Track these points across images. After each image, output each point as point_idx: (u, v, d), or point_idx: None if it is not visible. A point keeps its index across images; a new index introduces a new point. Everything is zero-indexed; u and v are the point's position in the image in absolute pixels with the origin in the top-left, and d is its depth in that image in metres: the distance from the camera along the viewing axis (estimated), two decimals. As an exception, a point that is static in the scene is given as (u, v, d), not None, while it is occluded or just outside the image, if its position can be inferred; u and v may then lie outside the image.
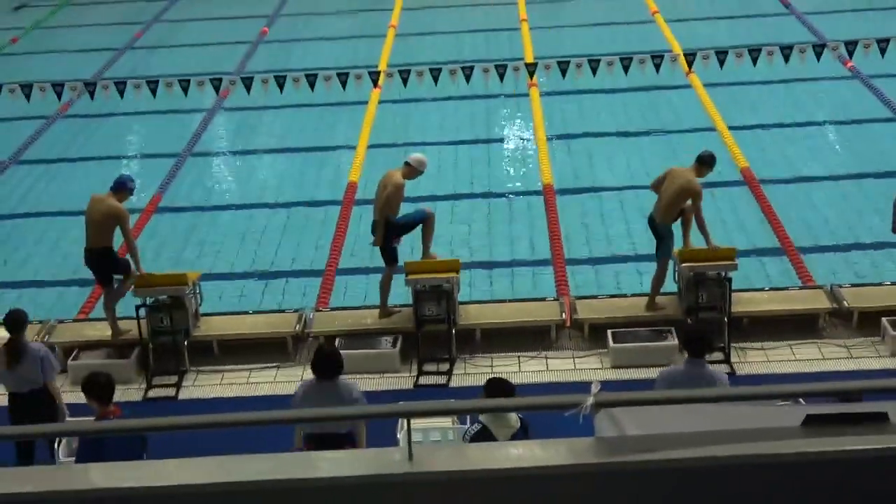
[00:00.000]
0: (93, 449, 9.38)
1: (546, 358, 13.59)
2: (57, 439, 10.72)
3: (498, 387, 9.46)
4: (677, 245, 13.86)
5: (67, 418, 11.21)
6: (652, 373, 12.52)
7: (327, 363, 10.42)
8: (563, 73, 20.72)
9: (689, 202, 13.69)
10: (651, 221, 14.04)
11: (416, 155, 14.02)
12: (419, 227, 14.07)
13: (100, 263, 13.76)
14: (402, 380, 13.33)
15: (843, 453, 5.20)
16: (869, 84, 22.11)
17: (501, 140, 21.05)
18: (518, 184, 19.04)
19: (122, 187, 13.66)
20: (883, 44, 20.29)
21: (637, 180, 18.46)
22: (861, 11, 27.49)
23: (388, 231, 13.71)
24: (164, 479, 5.42)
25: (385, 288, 14.01)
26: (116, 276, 13.84)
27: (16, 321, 11.44)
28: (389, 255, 13.86)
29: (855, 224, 16.75)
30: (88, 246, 13.69)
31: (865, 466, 5.26)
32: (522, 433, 9.11)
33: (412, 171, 13.83)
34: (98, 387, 9.76)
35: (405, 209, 14.01)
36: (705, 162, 13.92)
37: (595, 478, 5.24)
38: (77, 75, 24.19)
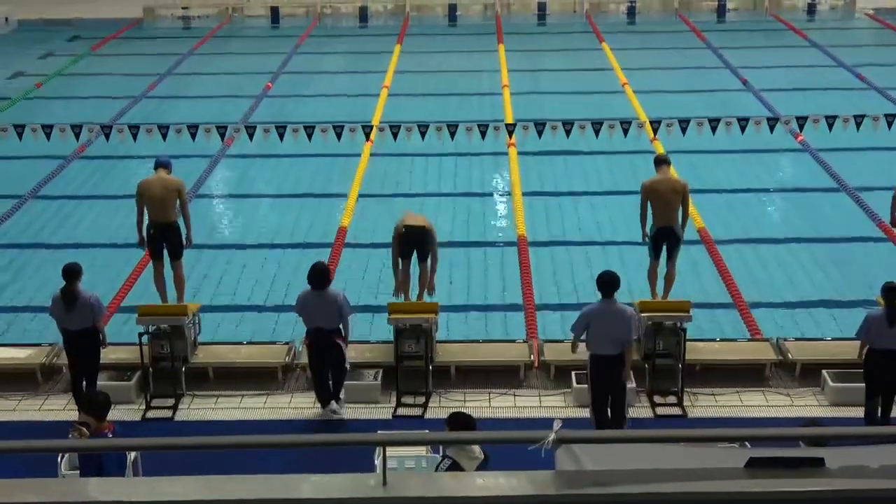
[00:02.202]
0: (94, 460, 9.43)
1: (514, 395, 13.56)
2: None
3: (460, 420, 9.45)
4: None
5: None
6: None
7: (319, 276, 12.73)
8: (540, 134, 20.79)
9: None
10: (668, 231, 14.34)
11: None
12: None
13: (167, 236, 14.58)
14: (382, 410, 13.27)
15: (782, 494, 5.20)
16: (816, 157, 22.25)
17: (481, 194, 21.08)
18: (494, 234, 19.07)
19: (168, 164, 14.83)
20: (830, 120, 20.44)
21: (603, 235, 18.55)
22: (811, 91, 27.72)
23: None
24: (156, 495, 5.39)
25: None
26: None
27: (71, 272, 12.72)
28: None
29: (800, 283, 16.80)
30: (156, 222, 14.53)
31: (802, 507, 5.27)
32: (485, 464, 9.08)
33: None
34: (97, 404, 9.84)
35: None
36: (666, 161, 14.81)
37: (554, 508, 5.23)
38: (94, 119, 24.19)
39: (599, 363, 11.99)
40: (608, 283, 11.98)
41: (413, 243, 14.30)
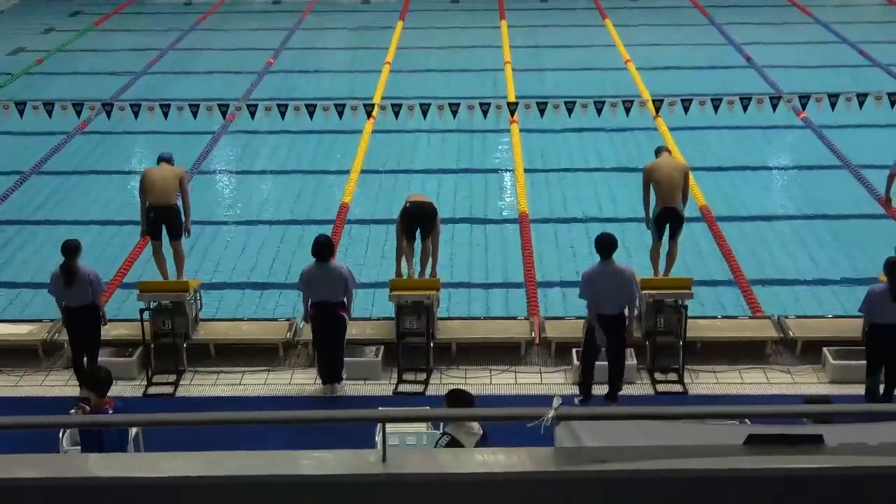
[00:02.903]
0: (96, 436, 9.46)
1: (515, 372, 13.58)
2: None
3: (459, 397, 9.48)
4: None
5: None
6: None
7: (322, 247, 12.88)
8: (542, 112, 20.76)
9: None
10: (671, 212, 14.24)
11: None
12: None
13: (167, 219, 14.50)
14: (383, 387, 13.30)
15: (781, 471, 5.22)
16: (819, 134, 22.20)
17: (483, 171, 21.05)
18: (496, 211, 19.06)
19: (170, 158, 14.90)
20: (833, 98, 20.40)
21: (605, 212, 18.54)
22: (814, 68, 27.64)
23: None
24: (157, 470, 5.41)
25: None
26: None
27: (71, 248, 12.76)
28: None
29: (802, 260, 16.80)
30: (156, 205, 14.42)
31: (802, 484, 5.28)
32: (483, 440, 9.11)
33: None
34: (98, 380, 9.88)
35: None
36: (665, 149, 14.98)
37: (553, 485, 5.25)
38: (96, 96, 24.19)
39: (600, 323, 12.34)
40: (606, 244, 12.42)
41: (417, 219, 14.27)
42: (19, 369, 13.75)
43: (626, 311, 12.56)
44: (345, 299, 12.95)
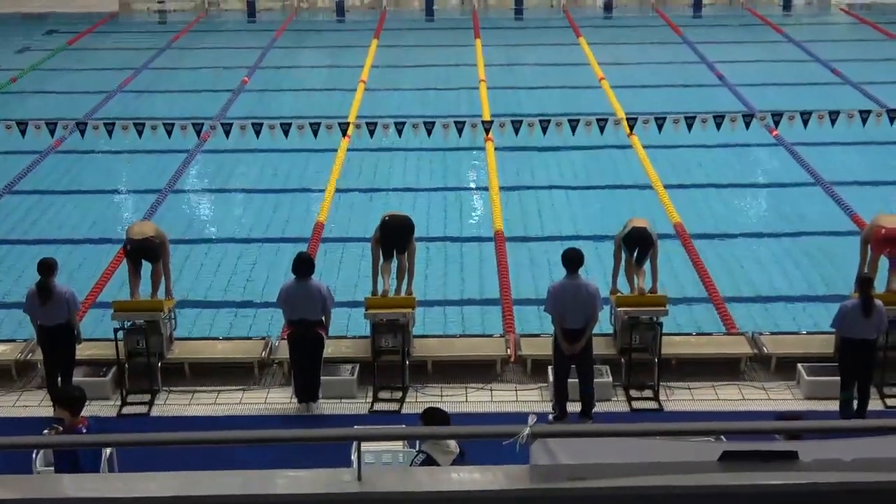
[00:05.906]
0: (69, 455, 9.39)
1: (491, 390, 13.58)
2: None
3: (435, 415, 9.46)
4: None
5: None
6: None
7: (304, 264, 12.89)
8: (517, 130, 20.81)
9: None
10: (640, 233, 13.91)
11: None
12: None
13: (146, 254, 13.97)
14: (359, 405, 13.27)
15: (756, 487, 5.23)
16: (792, 151, 22.34)
17: (458, 189, 21.08)
18: (472, 229, 19.07)
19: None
20: (805, 116, 20.52)
21: (581, 230, 18.58)
22: (787, 86, 27.82)
23: None
24: (132, 491, 5.38)
25: None
26: None
27: (47, 266, 12.72)
28: None
29: (775, 277, 16.88)
30: (132, 238, 13.92)
31: (776, 500, 5.30)
32: (460, 458, 9.08)
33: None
34: (72, 399, 9.82)
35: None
36: None
37: (529, 502, 5.25)
38: (69, 115, 24.08)
39: (564, 336, 12.48)
40: (572, 259, 12.55)
41: (396, 231, 14.09)
42: (-8, 390, 13.65)
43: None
44: (323, 318, 12.93)
